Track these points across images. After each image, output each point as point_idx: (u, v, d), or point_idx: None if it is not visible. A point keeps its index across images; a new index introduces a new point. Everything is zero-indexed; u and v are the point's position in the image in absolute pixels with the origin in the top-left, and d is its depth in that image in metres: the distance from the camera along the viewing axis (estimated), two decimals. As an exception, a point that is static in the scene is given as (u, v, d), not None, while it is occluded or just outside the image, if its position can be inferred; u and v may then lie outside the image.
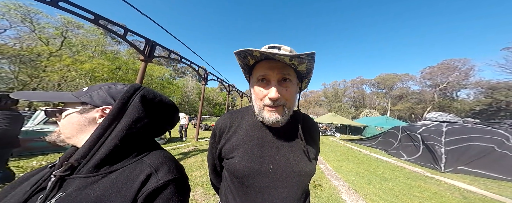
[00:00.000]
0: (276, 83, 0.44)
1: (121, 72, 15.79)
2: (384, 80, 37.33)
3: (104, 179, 0.34)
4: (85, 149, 0.34)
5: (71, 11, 2.32)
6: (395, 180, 3.27)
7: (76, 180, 0.33)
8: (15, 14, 10.18)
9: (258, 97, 0.47)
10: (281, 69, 0.44)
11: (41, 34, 11.33)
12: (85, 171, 0.34)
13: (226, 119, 0.56)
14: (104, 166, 0.35)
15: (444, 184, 3.20)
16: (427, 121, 6.32)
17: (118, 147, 0.35)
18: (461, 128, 4.68)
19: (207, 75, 6.39)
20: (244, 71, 0.52)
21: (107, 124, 0.36)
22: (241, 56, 0.43)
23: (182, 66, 40.10)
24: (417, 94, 31.44)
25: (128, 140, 0.37)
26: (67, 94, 0.40)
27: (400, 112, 31.71)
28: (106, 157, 0.34)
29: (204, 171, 2.93)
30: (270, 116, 0.45)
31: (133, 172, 0.35)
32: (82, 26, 12.54)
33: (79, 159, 0.34)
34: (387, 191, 2.67)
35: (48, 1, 2.09)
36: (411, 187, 2.91)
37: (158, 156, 0.40)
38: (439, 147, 4.41)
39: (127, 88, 0.41)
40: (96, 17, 2.59)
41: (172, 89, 24.12)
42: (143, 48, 3.42)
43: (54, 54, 11.42)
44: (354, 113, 36.02)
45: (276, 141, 0.50)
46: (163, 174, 0.36)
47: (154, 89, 10.98)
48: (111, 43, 18.69)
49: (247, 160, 0.47)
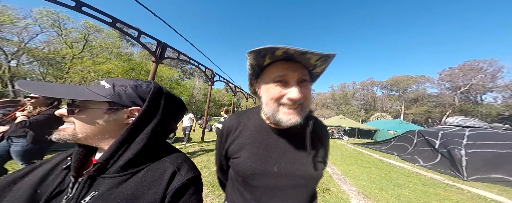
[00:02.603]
0: (295, 84, 0.43)
1: (134, 74, 16.74)
2: (397, 82, 35.38)
3: (133, 178, 0.35)
4: (113, 149, 0.34)
5: (92, 15, 2.52)
6: (410, 186, 3.05)
7: (105, 179, 0.34)
8: (47, 20, 11.30)
9: (274, 98, 0.44)
10: (301, 70, 0.44)
11: (67, 38, 12.43)
12: (113, 171, 0.34)
13: (232, 119, 0.57)
14: (130, 166, 0.36)
15: (468, 193, 2.91)
16: (447, 125, 5.83)
17: (145, 149, 0.36)
18: (488, 133, 4.24)
19: (214, 76, 6.52)
20: (253, 73, 0.49)
21: (136, 125, 0.36)
22: (260, 54, 0.41)
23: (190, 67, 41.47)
24: (435, 97, 29.33)
25: (154, 141, 0.38)
26: (87, 91, 0.36)
27: (415, 116, 29.72)
28: (134, 157, 0.35)
29: (210, 171, 2.96)
30: (288, 118, 0.43)
31: (157, 171, 0.37)
32: (102, 30, 13.55)
33: (108, 159, 0.34)
34: (401, 198, 2.49)
35: (73, 6, 2.29)
36: (428, 195, 2.69)
37: (176, 155, 0.42)
38: (459, 149, 4.04)
39: (153, 89, 0.40)
40: (114, 20, 2.78)
41: (180, 90, 24.96)
42: (155, 49, 3.60)
43: (76, 56, 12.45)
44: (364, 116, 34.52)
45: (282, 142, 0.50)
46: (185, 172, 0.39)
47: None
48: (125, 46, 19.92)
49: (251, 161, 0.48)
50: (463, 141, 4.19)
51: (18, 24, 10.51)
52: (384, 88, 39.48)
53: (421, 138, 5.59)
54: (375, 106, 38.55)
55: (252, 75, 0.50)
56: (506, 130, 4.58)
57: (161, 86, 0.44)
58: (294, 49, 0.37)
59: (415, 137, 5.88)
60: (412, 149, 5.75)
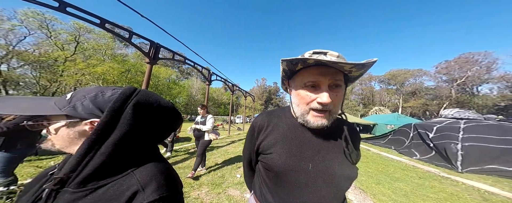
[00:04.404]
0: (326, 89, 0.44)
1: (130, 75, 16.47)
2: (395, 76, 35.53)
3: (92, 194, 0.33)
4: (73, 164, 0.33)
5: (78, 16, 2.43)
6: (406, 180, 3.11)
7: (66, 193, 0.33)
8: (33, 21, 10.93)
9: (305, 101, 0.47)
10: (333, 75, 0.44)
11: (57, 40, 12.08)
12: (72, 186, 0.33)
13: (264, 117, 0.59)
14: (91, 181, 0.33)
15: (462, 185, 2.98)
16: (442, 118, 5.91)
17: (106, 163, 0.34)
18: (483, 125, 4.31)
19: (211, 76, 6.46)
20: (284, 76, 0.53)
21: (94, 138, 0.33)
22: (292, 62, 0.44)
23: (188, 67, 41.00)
24: (432, 90, 29.60)
25: (118, 155, 0.35)
26: (48, 104, 0.36)
27: (413, 109, 30.08)
28: (92, 173, 0.33)
29: (210, 170, 2.99)
30: (315, 121, 0.46)
31: (120, 187, 0.34)
32: (93, 31, 13.19)
33: (68, 173, 0.33)
34: (397, 191, 2.54)
35: (56, 7, 2.20)
36: (424, 188, 2.75)
37: (149, 170, 0.37)
38: (455, 144, 4.11)
39: (117, 96, 0.36)
40: (102, 21, 2.69)
41: (178, 91, 24.71)
42: (148, 50, 3.52)
43: (69, 58, 12.15)
44: (362, 111, 34.74)
45: (315, 141, 0.51)
46: (151, 192, 0.34)
47: (161, 90, 11.41)
48: (119, 47, 19.50)
49: (285, 157, 0.49)
50: (459, 135, 4.24)
51: (3, 26, 10.16)
52: (382, 82, 39.64)
53: (417, 132, 5.67)
54: (373, 100, 38.82)
55: (284, 77, 0.55)
56: (499, 120, 4.65)
57: (135, 91, 0.38)
58: (326, 60, 0.39)
59: (412, 130, 5.96)
60: (408, 142, 5.83)
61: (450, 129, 4.61)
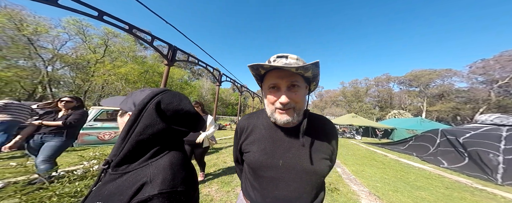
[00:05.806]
0: (285, 90, 0.50)
1: (148, 75, 17.83)
2: (417, 77, 32.09)
3: (119, 179, 0.36)
4: (115, 148, 0.39)
5: (112, 23, 2.75)
6: (430, 189, 2.83)
7: (107, 173, 0.39)
8: (73, 28, 12.59)
9: (270, 102, 0.53)
10: (289, 77, 0.49)
11: (90, 44, 13.69)
12: (111, 168, 0.38)
13: (245, 120, 0.66)
14: (121, 166, 0.38)
15: (501, 198, 2.61)
16: (478, 124, 5.20)
17: (132, 151, 0.38)
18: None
19: (221, 77, 6.67)
20: (257, 80, 0.60)
21: (127, 128, 0.39)
22: (254, 68, 0.51)
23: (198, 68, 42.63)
24: (464, 92, 26.05)
25: (141, 144, 0.38)
26: (120, 100, 0.49)
27: (440, 113, 26.86)
28: (123, 158, 0.37)
29: (219, 168, 2.95)
30: (281, 118, 0.51)
31: (137, 177, 0.35)
32: (119, 35, 14.65)
33: (111, 156, 0.39)
34: (418, 201, 2.33)
35: (96, 16, 2.52)
36: (452, 199, 2.47)
37: (163, 162, 0.38)
38: (495, 155, 3.60)
39: (146, 95, 0.43)
40: (130, 27, 3.01)
41: (190, 91, 25.88)
42: (167, 53, 3.80)
43: (99, 60, 13.67)
44: (379, 114, 32.25)
45: (287, 139, 0.56)
46: (156, 185, 0.33)
47: (174, 90, 13.26)
48: (139, 49, 21.24)
49: (259, 155, 0.55)
50: (500, 145, 3.70)
51: (51, 33, 11.88)
52: (402, 84, 36.19)
53: (445, 138, 5.09)
54: (391, 103, 35.67)
55: (258, 82, 0.62)
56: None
57: (165, 90, 0.45)
58: (270, 65, 0.47)
59: (439, 136, 5.37)
60: (434, 149, 5.27)
61: (488, 137, 4.04)
